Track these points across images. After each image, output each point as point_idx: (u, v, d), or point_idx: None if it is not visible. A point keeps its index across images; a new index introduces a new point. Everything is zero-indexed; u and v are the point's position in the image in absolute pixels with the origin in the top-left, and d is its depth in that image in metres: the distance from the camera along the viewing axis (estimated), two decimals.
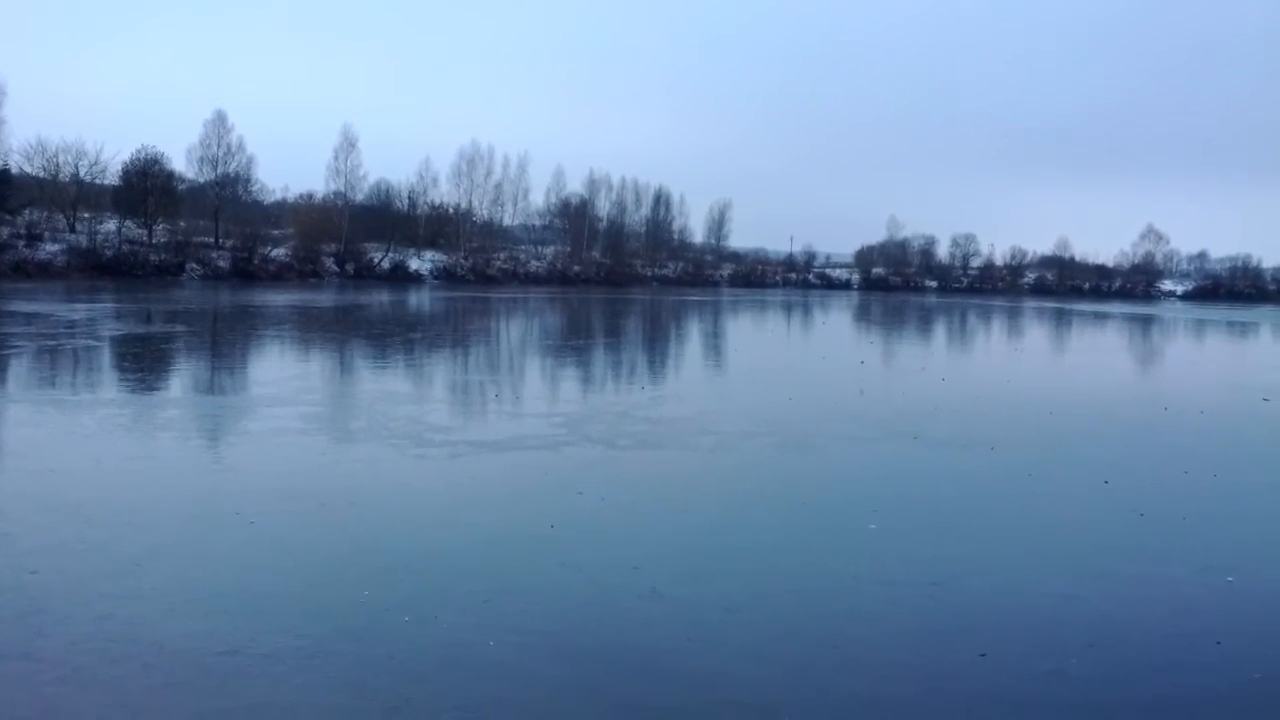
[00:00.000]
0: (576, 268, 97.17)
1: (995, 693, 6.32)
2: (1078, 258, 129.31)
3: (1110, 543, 9.91)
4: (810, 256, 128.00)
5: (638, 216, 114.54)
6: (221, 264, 71.64)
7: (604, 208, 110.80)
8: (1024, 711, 6.07)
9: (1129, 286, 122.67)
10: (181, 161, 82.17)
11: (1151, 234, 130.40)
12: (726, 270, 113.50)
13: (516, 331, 38.21)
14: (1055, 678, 6.58)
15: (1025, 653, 6.98)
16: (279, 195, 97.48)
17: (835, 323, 52.81)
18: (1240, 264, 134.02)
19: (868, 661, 6.74)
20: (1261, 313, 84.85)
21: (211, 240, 76.36)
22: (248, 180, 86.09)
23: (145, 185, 74.80)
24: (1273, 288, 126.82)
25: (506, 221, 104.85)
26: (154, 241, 72.84)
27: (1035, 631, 7.40)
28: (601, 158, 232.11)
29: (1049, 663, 6.81)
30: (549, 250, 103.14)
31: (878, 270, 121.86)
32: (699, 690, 6.19)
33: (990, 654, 6.91)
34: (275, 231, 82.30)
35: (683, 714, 5.87)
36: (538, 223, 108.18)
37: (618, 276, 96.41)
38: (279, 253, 77.47)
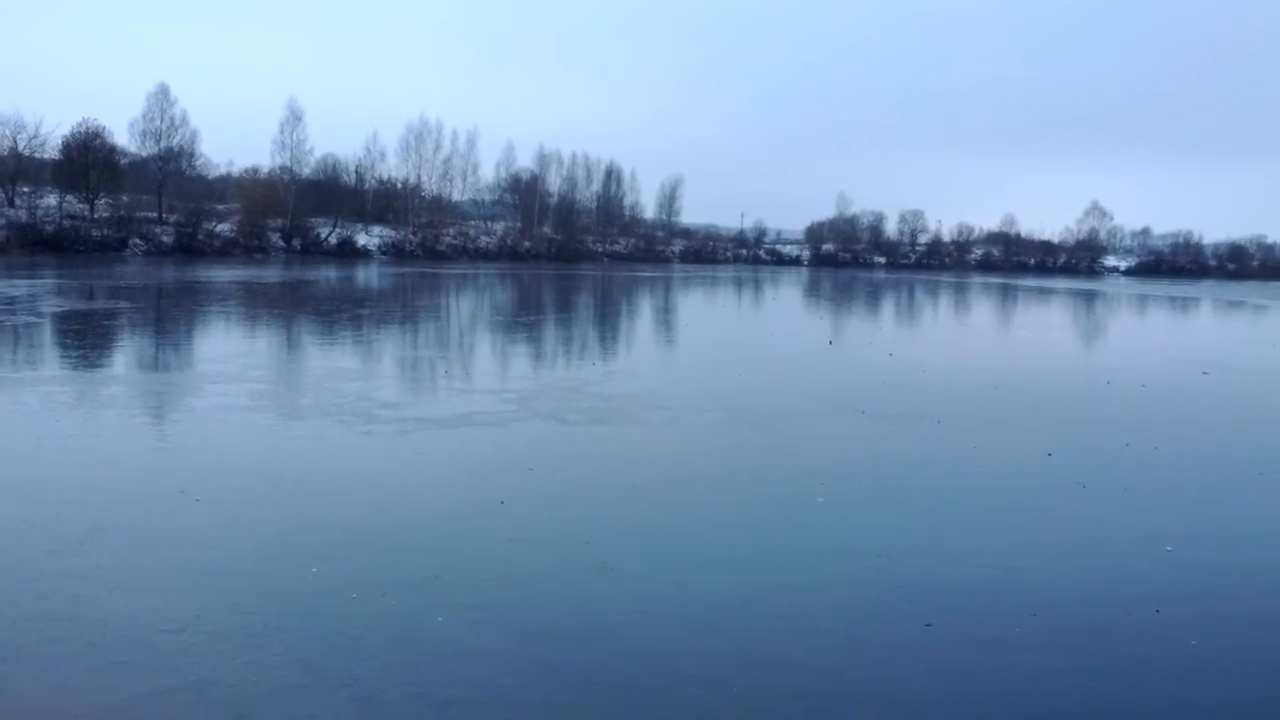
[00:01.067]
0: (527, 244, 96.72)
1: (939, 661, 6.41)
2: (1023, 234, 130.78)
3: (1053, 514, 10.08)
4: (761, 233, 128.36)
5: (589, 192, 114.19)
6: (165, 239, 70.53)
7: (555, 183, 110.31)
8: (969, 679, 6.17)
9: (1074, 262, 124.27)
10: (124, 135, 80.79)
11: (1096, 210, 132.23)
12: (678, 246, 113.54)
13: (467, 308, 38.01)
14: (998, 646, 6.69)
15: (969, 622, 7.09)
16: (223, 170, 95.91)
17: (785, 299, 53.06)
18: (1182, 240, 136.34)
19: (815, 632, 6.82)
20: (1202, 288, 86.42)
21: (155, 215, 75.09)
22: (191, 154, 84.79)
23: (86, 159, 73.27)
24: (1213, 263, 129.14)
25: (456, 197, 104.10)
26: (96, 216, 71.45)
27: (979, 601, 7.52)
28: (552, 133, 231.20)
29: (992, 632, 6.93)
30: (499, 226, 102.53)
31: (827, 246, 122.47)
32: (649, 663, 6.23)
33: (935, 624, 7.01)
34: (220, 206, 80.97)
35: (633, 686, 5.91)
36: (488, 198, 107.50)
37: (569, 252, 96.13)
38: (224, 228, 76.35)
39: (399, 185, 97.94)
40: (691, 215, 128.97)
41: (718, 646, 6.53)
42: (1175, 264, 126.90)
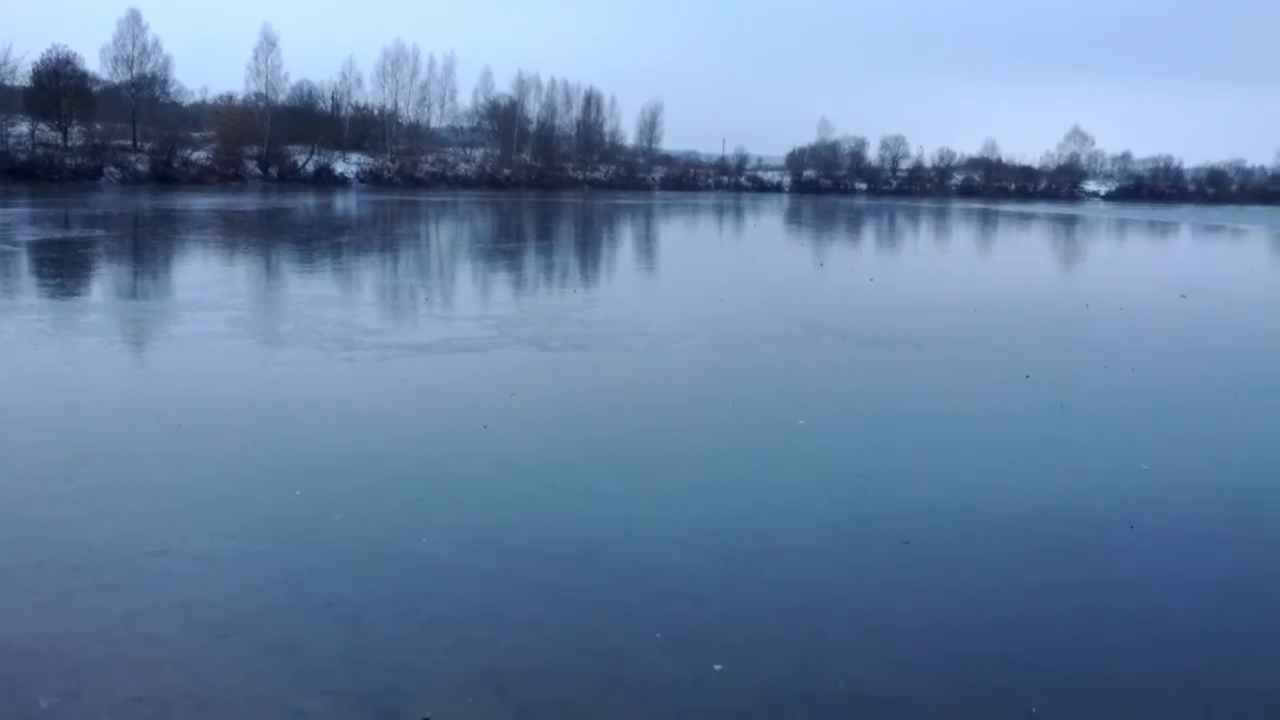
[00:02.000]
0: (506, 171, 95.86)
1: (916, 578, 6.52)
2: (1004, 159, 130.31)
3: (1030, 435, 10.19)
4: (742, 159, 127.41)
5: (568, 119, 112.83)
6: (140, 168, 69.56)
7: (534, 110, 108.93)
8: (946, 595, 6.28)
9: (1054, 187, 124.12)
10: (95, 62, 79.39)
11: (1077, 135, 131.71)
12: (659, 174, 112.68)
13: (446, 235, 37.78)
14: (974, 563, 6.80)
15: (947, 540, 7.19)
16: (198, 97, 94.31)
17: (766, 226, 52.91)
18: (1162, 165, 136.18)
19: (794, 550, 6.90)
20: (1181, 212, 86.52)
21: (129, 143, 73.89)
22: (165, 81, 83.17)
23: (58, 86, 71.82)
24: (1192, 188, 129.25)
25: (434, 124, 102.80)
26: (69, 145, 70.30)
27: (957, 520, 7.61)
28: (530, 59, 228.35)
29: (970, 549, 7.03)
30: (478, 153, 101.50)
31: (809, 173, 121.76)
32: (630, 580, 6.31)
33: (913, 541, 7.11)
34: (195, 134, 79.74)
35: (615, 605, 5.98)
36: (466, 125, 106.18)
37: (548, 180, 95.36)
38: (199, 156, 75.29)
39: (376, 112, 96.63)
40: (672, 142, 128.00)
41: (698, 565, 6.61)
42: (1155, 188, 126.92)
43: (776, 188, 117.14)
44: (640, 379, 12.38)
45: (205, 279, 20.54)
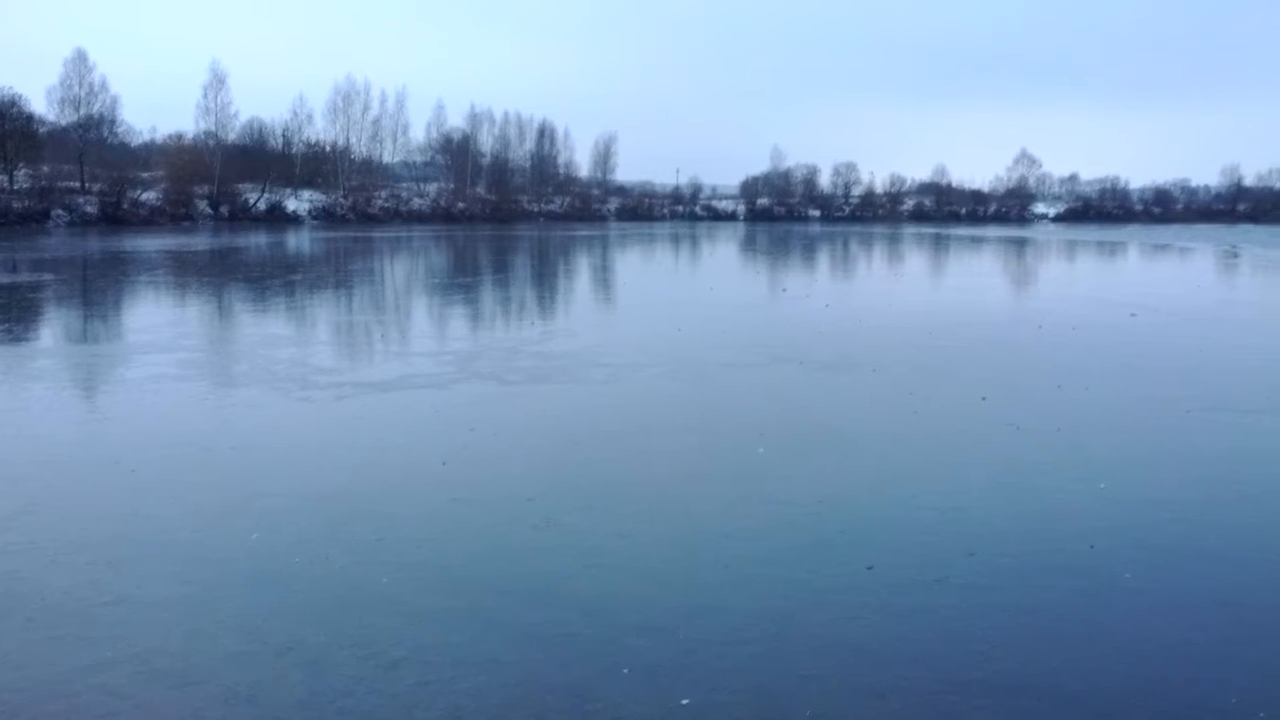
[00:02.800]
0: (461, 204, 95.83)
1: (881, 603, 6.52)
2: (954, 184, 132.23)
3: (988, 456, 10.27)
4: (696, 188, 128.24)
5: (522, 151, 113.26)
6: (89, 209, 68.83)
7: (487, 143, 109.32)
8: (909, 619, 6.29)
9: (1004, 210, 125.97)
10: (41, 103, 78.75)
11: (1025, 158, 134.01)
12: (614, 204, 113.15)
13: (401, 271, 37.63)
14: (939, 586, 6.82)
15: (910, 563, 7.22)
16: (146, 137, 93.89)
17: (722, 254, 53.16)
18: (1109, 186, 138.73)
19: (758, 577, 6.89)
20: (1129, 232, 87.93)
21: (77, 185, 73.22)
22: (113, 122, 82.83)
23: (3, 129, 71.23)
24: (1139, 208, 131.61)
25: (386, 159, 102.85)
26: (15, 188, 69.51)
27: (919, 543, 7.64)
28: (483, 92, 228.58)
29: (933, 572, 7.05)
30: (432, 187, 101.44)
31: (762, 200, 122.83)
32: (594, 615, 6.27)
33: (877, 566, 7.12)
34: (144, 174, 79.12)
35: (578, 638, 5.94)
36: (419, 159, 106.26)
37: (503, 213, 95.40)
38: (149, 196, 74.70)
39: (328, 148, 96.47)
40: (626, 173, 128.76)
41: (662, 597, 6.58)
42: (1103, 209, 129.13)
43: (731, 216, 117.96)
44: (600, 410, 12.36)
45: (157, 321, 20.31)
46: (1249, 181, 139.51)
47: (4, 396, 12.59)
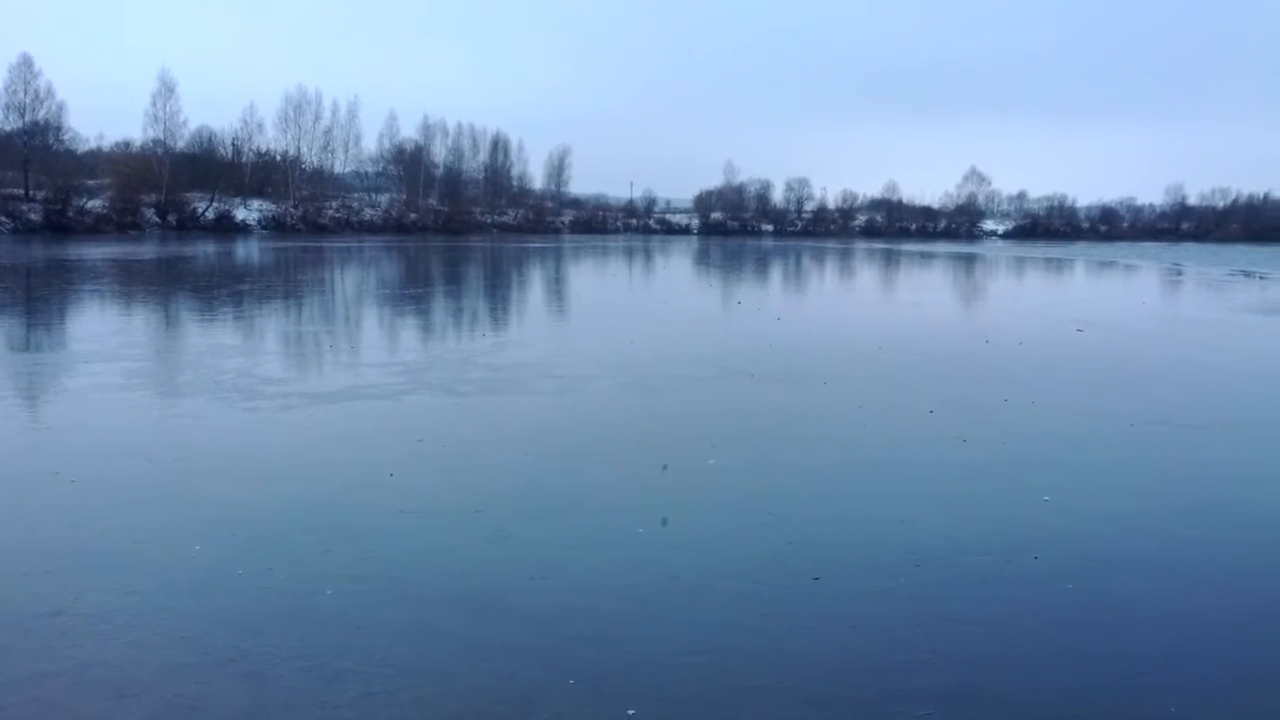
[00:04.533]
0: (413, 215, 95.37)
1: (828, 613, 6.54)
2: (905, 200, 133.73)
3: (935, 469, 10.34)
4: (650, 202, 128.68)
5: (475, 163, 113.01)
6: (33, 217, 67.67)
7: (440, 154, 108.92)
8: (855, 628, 6.31)
9: (954, 227, 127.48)
10: None
11: (974, 175, 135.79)
12: (568, 217, 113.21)
13: (352, 281, 37.34)
14: (885, 596, 6.85)
15: (857, 574, 7.25)
16: (93, 144, 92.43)
17: (675, 268, 53.30)
18: (1056, 204, 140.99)
19: (707, 590, 6.89)
20: (1075, 250, 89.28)
21: (21, 192, 71.92)
22: (58, 128, 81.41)
23: None
24: (1086, 226, 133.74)
25: (338, 169, 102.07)
26: None
27: (866, 555, 7.68)
28: (437, 104, 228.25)
29: (879, 583, 7.09)
30: (384, 198, 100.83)
31: (716, 215, 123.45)
32: (543, 626, 6.23)
33: (824, 577, 7.15)
34: (91, 182, 77.86)
35: (527, 650, 5.90)
36: (371, 170, 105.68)
37: (456, 224, 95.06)
38: (95, 204, 73.50)
39: (278, 158, 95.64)
40: (580, 185, 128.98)
41: (611, 608, 6.56)
42: (1050, 226, 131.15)
43: (685, 230, 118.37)
44: (551, 422, 12.31)
45: (101, 330, 19.99)
46: (1193, 200, 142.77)
47: None
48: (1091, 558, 7.76)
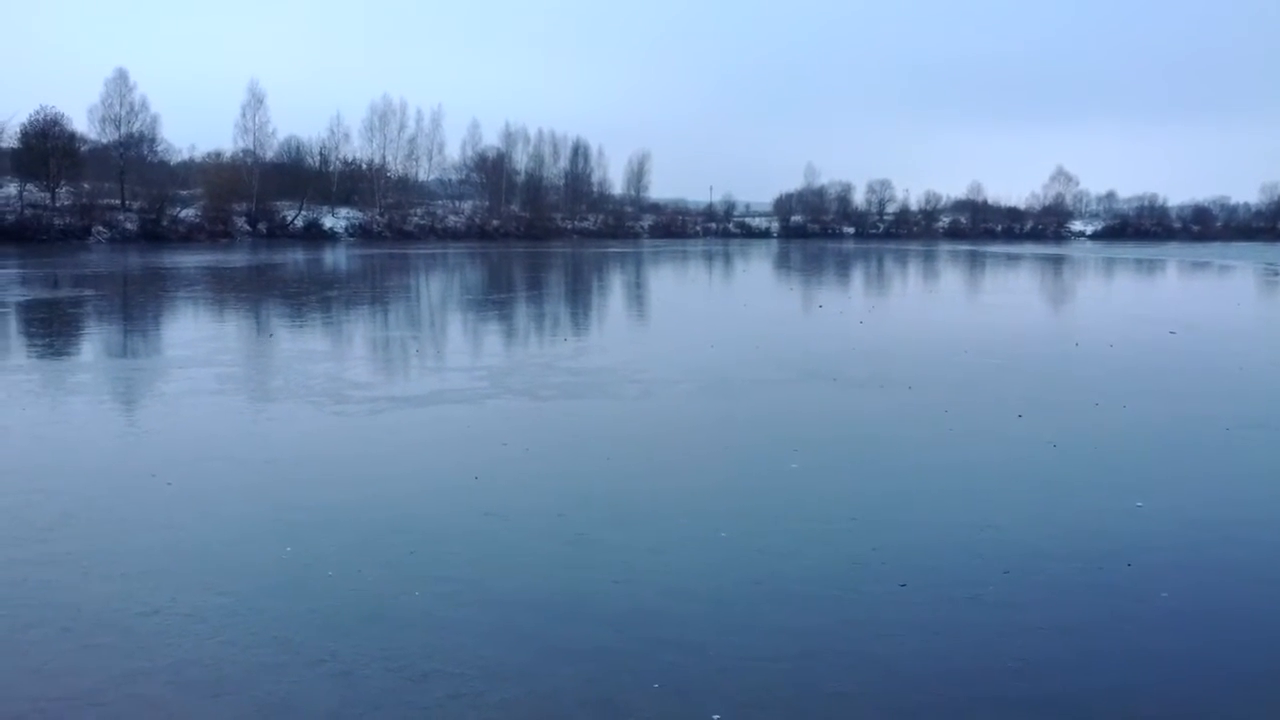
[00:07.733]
0: (495, 222, 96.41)
1: (914, 620, 6.46)
2: (990, 201, 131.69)
3: (1024, 474, 10.16)
4: (730, 206, 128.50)
5: (556, 169, 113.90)
6: (129, 226, 69.87)
7: (521, 161, 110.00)
8: (941, 636, 6.23)
9: (1040, 228, 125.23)
10: (83, 122, 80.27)
11: (1061, 175, 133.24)
12: (647, 221, 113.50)
13: (436, 287, 37.84)
14: (972, 604, 6.75)
15: (943, 581, 7.15)
16: (185, 155, 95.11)
17: (756, 271, 53.11)
18: (1147, 203, 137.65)
19: (789, 594, 6.85)
20: (1167, 250, 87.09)
21: (117, 202, 74.33)
22: (153, 140, 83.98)
23: (46, 147, 72.32)
24: (1177, 225, 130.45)
25: (422, 176, 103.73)
26: (58, 205, 70.62)
27: (953, 561, 7.57)
28: (517, 111, 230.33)
29: (966, 590, 6.98)
30: (467, 205, 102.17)
31: (796, 218, 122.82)
32: (626, 630, 6.25)
33: (909, 584, 7.06)
34: (183, 192, 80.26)
35: (610, 654, 5.92)
36: (454, 177, 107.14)
37: (537, 230, 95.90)
38: (188, 213, 75.70)
39: (364, 166, 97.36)
40: (660, 190, 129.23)
41: (694, 612, 6.55)
42: (1140, 227, 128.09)
43: (764, 233, 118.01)
44: (633, 426, 12.35)
45: (195, 336, 20.52)
46: None
47: (44, 409, 12.74)
48: (1187, 566, 7.56)
